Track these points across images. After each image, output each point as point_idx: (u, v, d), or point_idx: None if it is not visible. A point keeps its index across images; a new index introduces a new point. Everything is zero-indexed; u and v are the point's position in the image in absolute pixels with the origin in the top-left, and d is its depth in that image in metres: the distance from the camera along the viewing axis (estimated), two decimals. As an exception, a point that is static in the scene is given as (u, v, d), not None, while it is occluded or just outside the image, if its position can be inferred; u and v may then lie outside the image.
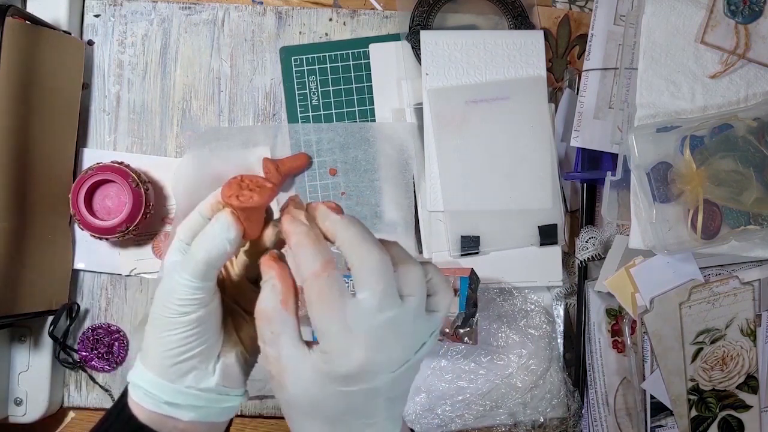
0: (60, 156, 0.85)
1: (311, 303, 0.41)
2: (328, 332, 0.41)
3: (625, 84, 0.83)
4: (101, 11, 0.89)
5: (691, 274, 0.81)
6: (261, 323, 0.43)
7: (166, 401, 0.45)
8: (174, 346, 0.45)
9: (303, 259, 0.42)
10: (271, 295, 0.43)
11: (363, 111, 0.89)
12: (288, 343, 0.42)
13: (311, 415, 0.43)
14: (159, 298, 0.45)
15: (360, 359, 0.40)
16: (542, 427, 0.88)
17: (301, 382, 0.42)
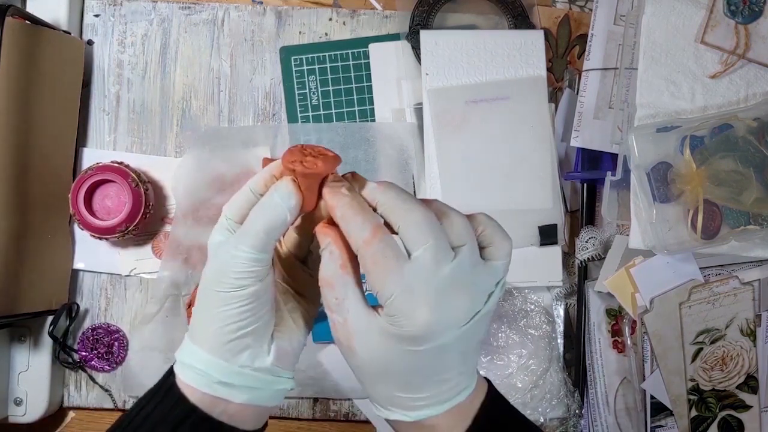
0: (60, 156, 0.85)
1: (368, 270, 0.41)
2: (390, 296, 0.41)
3: (625, 84, 0.83)
4: (101, 11, 0.89)
5: (691, 274, 0.81)
6: (325, 290, 0.43)
7: (220, 381, 0.45)
8: (230, 322, 0.44)
9: (352, 229, 0.41)
10: (330, 262, 0.43)
11: (363, 111, 0.89)
12: (353, 308, 0.42)
13: (383, 377, 0.44)
14: (210, 276, 0.44)
15: (425, 319, 0.40)
16: (542, 427, 0.88)
17: (370, 345, 0.42)
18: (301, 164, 0.42)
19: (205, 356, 0.45)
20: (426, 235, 0.41)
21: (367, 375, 0.44)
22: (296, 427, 0.89)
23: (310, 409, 0.88)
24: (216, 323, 0.44)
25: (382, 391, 0.44)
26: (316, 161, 0.42)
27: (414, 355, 0.42)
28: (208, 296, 0.44)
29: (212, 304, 0.44)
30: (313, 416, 0.89)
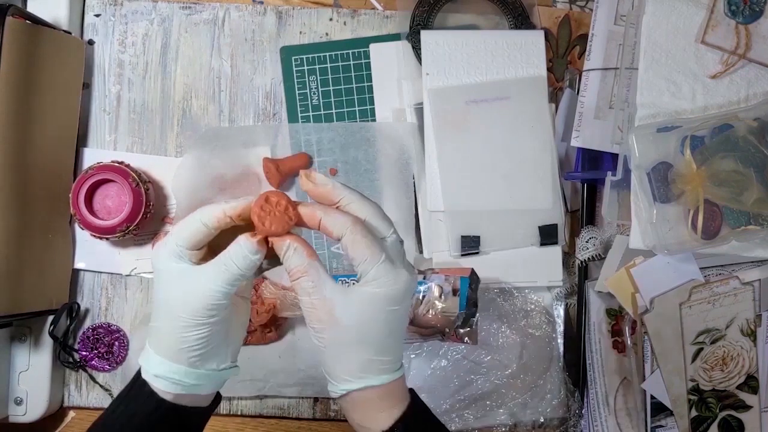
0: (60, 155, 0.85)
1: (356, 242, 0.49)
2: (377, 261, 0.49)
3: (625, 84, 0.83)
4: (102, 11, 0.89)
5: (692, 274, 0.81)
6: (298, 281, 0.50)
7: (192, 384, 0.52)
8: (201, 344, 0.51)
9: (336, 221, 0.50)
10: (297, 255, 0.50)
11: (363, 111, 0.89)
12: (328, 284, 0.50)
13: (362, 341, 0.51)
14: (177, 303, 0.50)
15: (407, 278, 0.51)
16: (542, 427, 0.88)
17: (353, 310, 0.50)
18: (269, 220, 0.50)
19: (175, 367, 0.52)
20: (388, 223, 0.52)
21: (346, 344, 0.51)
22: (296, 427, 0.89)
23: (310, 409, 0.88)
24: (186, 343, 0.51)
25: (358, 357, 0.51)
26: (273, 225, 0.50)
27: (393, 315, 0.51)
28: (174, 319, 0.50)
29: (179, 325, 0.50)
30: (313, 416, 0.89)
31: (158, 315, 0.52)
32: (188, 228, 0.50)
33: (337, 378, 0.52)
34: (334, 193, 0.51)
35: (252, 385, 0.87)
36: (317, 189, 0.51)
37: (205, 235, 0.51)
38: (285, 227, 0.50)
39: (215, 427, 0.89)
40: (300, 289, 0.50)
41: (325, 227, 0.50)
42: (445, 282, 0.79)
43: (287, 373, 0.86)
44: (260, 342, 0.86)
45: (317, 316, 0.50)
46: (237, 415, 0.89)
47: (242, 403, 0.88)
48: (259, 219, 0.49)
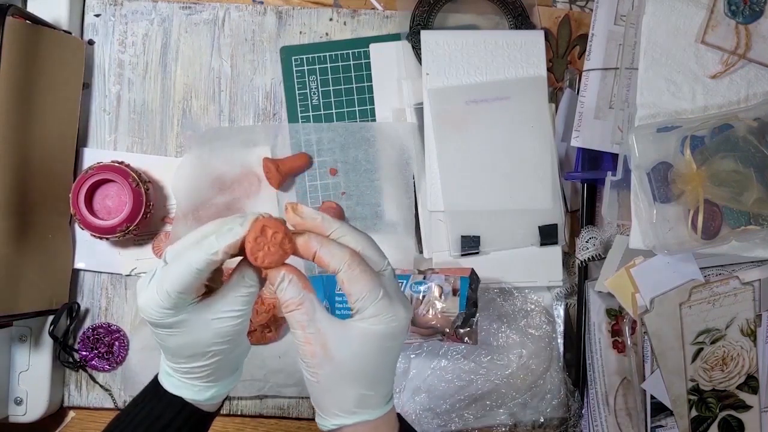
0: (60, 155, 0.85)
1: (354, 278, 0.48)
2: (376, 299, 0.48)
3: (625, 84, 0.83)
4: (102, 11, 0.89)
5: (692, 274, 0.81)
6: (293, 313, 0.49)
7: (221, 394, 0.55)
8: (224, 363, 0.52)
9: (334, 254, 0.48)
10: (292, 286, 0.49)
11: (363, 111, 0.89)
12: (323, 317, 0.49)
13: (356, 377, 0.50)
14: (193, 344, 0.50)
15: (405, 315, 0.50)
16: (542, 427, 0.88)
17: (349, 346, 0.49)
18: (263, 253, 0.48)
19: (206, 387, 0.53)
20: (382, 254, 0.51)
21: (340, 379, 0.50)
22: (296, 427, 0.89)
23: (310, 409, 0.88)
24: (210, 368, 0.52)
25: (352, 393, 0.50)
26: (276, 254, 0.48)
27: (388, 351, 0.50)
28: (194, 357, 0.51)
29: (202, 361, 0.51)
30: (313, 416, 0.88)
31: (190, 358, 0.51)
32: (184, 278, 0.47)
33: (328, 413, 0.51)
34: (323, 226, 0.49)
35: (252, 385, 0.87)
36: (305, 223, 0.49)
37: (203, 278, 0.48)
38: (279, 261, 0.48)
39: (215, 427, 0.88)
40: (294, 321, 0.49)
41: (321, 260, 0.49)
42: (445, 282, 0.79)
43: (287, 373, 0.86)
44: (260, 342, 0.86)
45: (311, 350, 0.49)
46: (237, 415, 0.89)
47: (242, 403, 0.88)
48: (251, 253, 0.47)
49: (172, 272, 0.48)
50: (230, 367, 0.54)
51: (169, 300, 0.48)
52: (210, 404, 0.55)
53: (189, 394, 0.53)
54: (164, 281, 0.48)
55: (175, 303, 0.48)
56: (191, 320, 0.49)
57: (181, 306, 0.48)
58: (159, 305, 0.48)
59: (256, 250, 0.47)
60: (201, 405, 0.54)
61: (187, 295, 0.48)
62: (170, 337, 0.50)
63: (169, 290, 0.47)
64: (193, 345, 0.50)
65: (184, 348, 0.51)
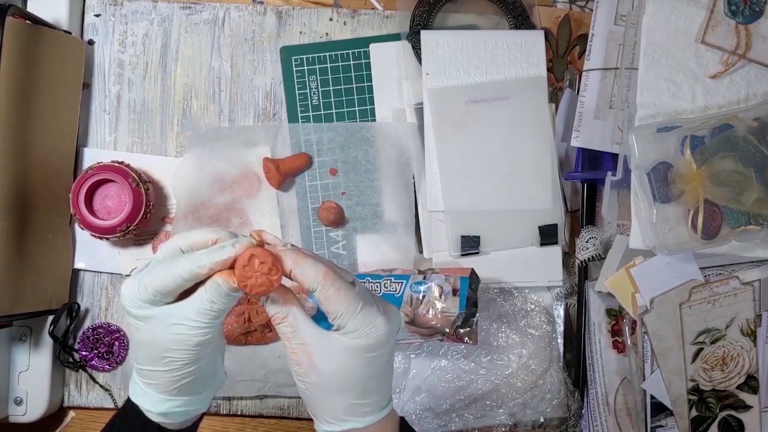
0: (60, 155, 0.85)
1: (330, 297, 0.49)
2: (353, 313, 0.49)
3: (625, 84, 0.83)
4: (102, 11, 0.89)
5: (692, 274, 0.81)
6: (280, 326, 0.50)
7: (195, 409, 0.55)
8: (198, 374, 0.52)
9: (306, 274, 0.49)
10: (273, 304, 0.50)
11: (363, 111, 0.89)
12: (307, 329, 0.50)
13: (344, 388, 0.51)
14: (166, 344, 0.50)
15: (384, 325, 0.50)
16: (542, 427, 0.88)
17: (333, 359, 0.50)
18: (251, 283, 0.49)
19: (178, 401, 0.53)
20: (347, 272, 0.52)
21: (327, 390, 0.51)
22: (296, 427, 0.89)
23: (310, 409, 0.88)
24: (184, 379, 0.51)
25: (340, 403, 0.51)
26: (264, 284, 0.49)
27: (373, 361, 0.50)
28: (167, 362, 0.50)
29: (174, 367, 0.50)
30: (314, 416, 0.89)
31: (147, 358, 0.51)
32: (167, 282, 0.49)
33: (320, 419, 0.53)
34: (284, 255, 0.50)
35: (252, 385, 0.87)
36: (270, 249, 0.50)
37: (186, 286, 0.49)
38: (266, 292, 0.49)
39: (215, 427, 0.89)
40: (280, 333, 0.51)
41: (296, 278, 0.50)
42: (445, 282, 0.79)
43: (287, 373, 0.86)
44: (260, 342, 0.86)
45: (297, 360, 0.50)
46: (237, 415, 0.89)
47: (242, 403, 0.88)
48: (240, 279, 0.49)
49: (157, 271, 0.49)
50: (191, 385, 0.52)
51: (145, 293, 0.49)
52: (167, 422, 0.53)
53: (144, 403, 0.53)
54: (147, 275, 0.49)
55: (149, 298, 0.49)
56: (155, 318, 0.49)
57: (155, 303, 0.49)
58: (135, 295, 0.49)
59: (245, 278, 0.49)
60: (159, 420, 0.53)
61: (162, 296, 0.49)
62: (137, 330, 0.50)
63: (148, 285, 0.49)
64: (151, 345, 0.50)
65: (143, 346, 0.51)
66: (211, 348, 0.51)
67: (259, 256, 0.48)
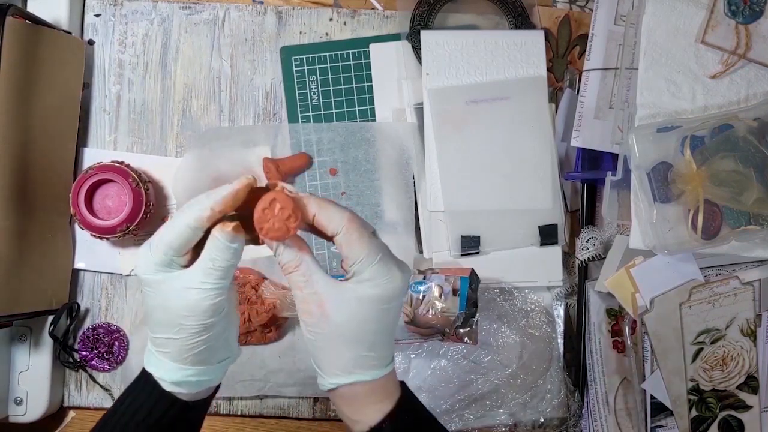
0: (60, 155, 0.85)
1: (352, 242, 0.49)
2: (372, 262, 0.49)
3: (625, 84, 0.83)
4: (102, 11, 0.89)
5: (692, 274, 0.81)
6: (292, 274, 0.50)
7: (209, 379, 0.54)
8: (212, 341, 0.51)
9: (332, 218, 0.49)
10: (288, 250, 0.50)
11: (363, 111, 0.89)
12: (320, 278, 0.50)
13: (352, 339, 0.50)
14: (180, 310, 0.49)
15: (400, 277, 0.51)
16: (542, 427, 0.88)
17: (345, 309, 0.50)
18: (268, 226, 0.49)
19: (192, 370, 0.52)
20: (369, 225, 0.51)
21: (337, 340, 0.50)
22: (296, 427, 0.89)
23: (310, 409, 0.88)
24: (198, 347, 0.51)
25: (349, 354, 0.51)
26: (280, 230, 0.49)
27: (384, 314, 0.50)
28: (181, 329, 0.50)
29: (188, 333, 0.50)
30: (313, 416, 0.89)
31: (160, 325, 0.51)
32: (175, 234, 0.49)
33: (327, 372, 0.52)
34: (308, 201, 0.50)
35: (252, 385, 0.87)
36: None
37: (194, 237, 0.50)
38: (282, 238, 0.49)
39: (215, 427, 0.89)
40: (292, 283, 0.50)
41: (320, 223, 0.50)
42: (445, 282, 0.79)
43: (287, 373, 0.86)
44: (260, 342, 0.86)
45: (308, 309, 0.50)
46: (237, 415, 0.89)
47: (242, 403, 0.88)
48: (257, 222, 0.49)
49: (165, 229, 0.50)
50: (204, 354, 0.52)
51: (156, 252, 0.49)
52: (182, 392, 0.53)
53: (159, 373, 0.52)
54: (157, 234, 0.50)
55: (162, 259, 0.49)
56: (167, 284, 0.49)
57: (169, 265, 0.50)
58: (148, 258, 0.50)
59: (263, 221, 0.48)
60: (173, 391, 0.53)
61: (175, 253, 0.49)
62: (150, 297, 0.50)
63: (158, 242, 0.49)
64: (164, 311, 0.50)
65: (156, 312, 0.51)
66: (223, 315, 0.51)
67: (280, 201, 0.48)
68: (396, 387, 0.54)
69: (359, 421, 0.53)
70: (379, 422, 0.52)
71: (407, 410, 0.54)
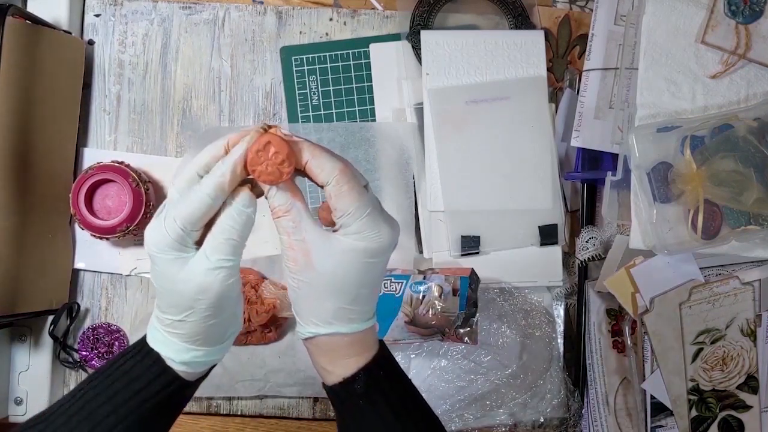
0: (60, 155, 0.85)
1: (342, 194, 0.48)
2: (361, 215, 0.48)
3: (625, 84, 0.83)
4: (102, 11, 0.89)
5: (692, 274, 0.81)
6: (280, 219, 0.49)
7: (216, 358, 0.54)
8: (224, 321, 0.51)
9: (324, 167, 0.48)
10: (280, 194, 0.49)
11: (363, 111, 0.89)
12: (309, 226, 0.49)
13: (335, 290, 0.50)
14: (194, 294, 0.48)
15: (388, 233, 0.50)
16: (542, 427, 0.88)
17: (331, 259, 0.49)
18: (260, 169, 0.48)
19: (203, 350, 0.52)
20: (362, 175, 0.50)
21: (319, 290, 0.50)
22: (296, 427, 0.89)
23: (310, 409, 0.88)
24: (212, 328, 0.51)
25: (330, 305, 0.50)
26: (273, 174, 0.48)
27: (369, 268, 0.50)
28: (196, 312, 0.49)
29: (203, 316, 0.50)
30: (313, 416, 0.89)
31: (173, 308, 0.50)
32: (195, 207, 0.47)
33: (306, 320, 0.52)
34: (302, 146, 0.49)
35: (252, 385, 0.87)
36: None
37: (215, 206, 0.48)
38: (274, 182, 0.48)
39: (215, 427, 0.89)
40: (280, 227, 0.49)
41: (311, 170, 0.49)
42: (445, 282, 0.79)
43: (287, 373, 0.86)
44: (260, 342, 0.86)
45: (293, 256, 0.49)
46: (237, 415, 0.89)
47: (242, 403, 0.88)
48: (250, 164, 0.47)
49: (181, 201, 0.48)
50: (213, 334, 0.52)
51: (174, 229, 0.47)
52: (188, 371, 0.53)
53: (167, 352, 0.52)
54: (173, 209, 0.48)
55: (179, 235, 0.47)
56: (180, 264, 0.48)
57: (184, 243, 0.48)
58: (163, 236, 0.48)
59: (255, 163, 0.47)
60: (179, 369, 0.52)
61: (193, 227, 0.48)
62: (161, 279, 0.49)
63: (177, 217, 0.47)
64: (177, 294, 0.49)
65: (168, 295, 0.49)
66: (235, 295, 0.51)
67: (275, 145, 0.47)
68: (375, 343, 0.54)
69: (333, 372, 0.52)
70: (353, 374, 0.52)
71: (383, 365, 0.53)
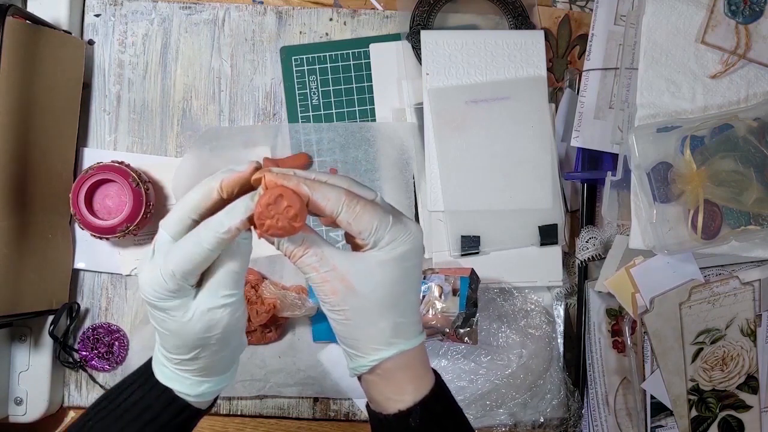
0: (60, 155, 0.85)
1: (358, 215, 0.46)
2: (387, 225, 0.47)
3: (625, 84, 0.83)
4: (102, 11, 0.89)
5: (692, 274, 0.81)
6: (302, 259, 0.47)
7: (223, 387, 0.54)
8: (231, 354, 0.52)
9: (329, 197, 0.46)
10: (292, 237, 0.47)
11: (363, 111, 0.89)
12: (333, 253, 0.47)
13: (385, 306, 0.48)
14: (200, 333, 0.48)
15: (417, 228, 0.49)
16: (542, 427, 0.88)
17: (371, 277, 0.47)
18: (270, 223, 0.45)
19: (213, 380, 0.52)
20: (368, 187, 0.50)
21: (369, 312, 0.47)
22: (296, 427, 0.89)
23: (310, 409, 0.88)
24: (219, 363, 0.51)
25: (386, 323, 0.48)
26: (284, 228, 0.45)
27: (409, 272, 0.48)
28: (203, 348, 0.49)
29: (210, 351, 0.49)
30: (313, 416, 0.89)
31: (179, 348, 0.49)
32: (193, 259, 0.46)
33: (366, 350, 0.48)
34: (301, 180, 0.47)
35: (252, 385, 0.87)
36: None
37: (214, 257, 0.46)
38: (283, 235, 0.46)
39: (215, 427, 0.89)
40: (305, 267, 0.47)
41: (316, 205, 0.46)
42: (445, 282, 0.79)
43: (287, 373, 0.86)
44: (260, 342, 0.86)
45: (331, 288, 0.47)
46: (237, 415, 0.89)
47: (242, 403, 0.88)
48: (258, 218, 0.45)
49: (178, 252, 0.46)
50: (224, 363, 0.52)
51: (173, 281, 0.46)
52: (201, 401, 0.53)
53: (180, 387, 0.51)
54: (170, 261, 0.46)
55: (178, 285, 0.46)
56: (183, 308, 0.47)
57: (183, 290, 0.46)
58: (162, 286, 0.46)
59: (265, 217, 0.45)
60: (192, 401, 0.52)
61: (192, 277, 0.46)
62: (164, 322, 0.48)
63: (175, 270, 0.45)
64: (183, 335, 0.48)
65: (173, 337, 0.48)
66: (242, 324, 0.50)
67: (287, 198, 0.45)
68: (429, 368, 0.51)
69: (399, 400, 0.49)
70: (409, 407, 0.49)
71: (440, 400, 0.51)
